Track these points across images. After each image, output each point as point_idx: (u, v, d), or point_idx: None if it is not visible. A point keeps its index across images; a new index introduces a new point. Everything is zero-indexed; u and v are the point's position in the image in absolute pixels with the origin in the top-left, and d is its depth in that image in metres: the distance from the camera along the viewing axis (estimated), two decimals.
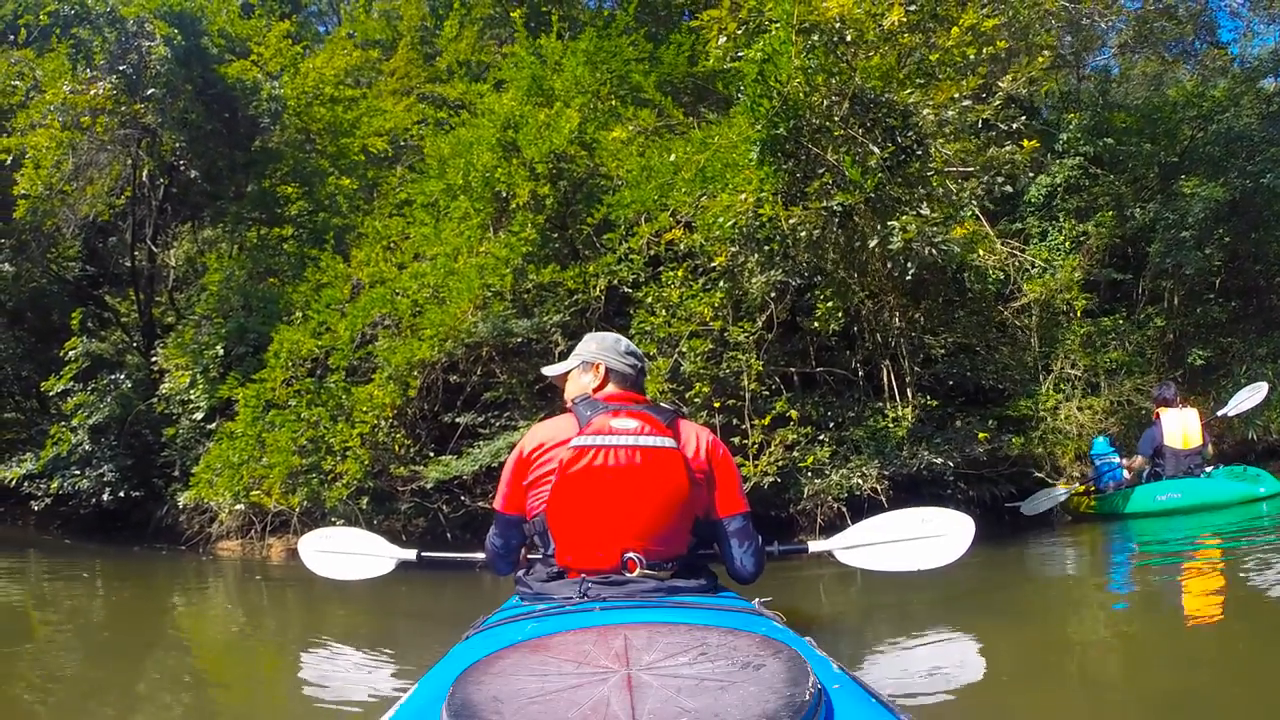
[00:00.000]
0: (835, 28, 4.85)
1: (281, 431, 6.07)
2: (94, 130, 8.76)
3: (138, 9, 8.46)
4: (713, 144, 5.92)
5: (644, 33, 8.40)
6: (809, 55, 4.89)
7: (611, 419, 1.95)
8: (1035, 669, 2.88)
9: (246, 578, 6.83)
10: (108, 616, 5.57)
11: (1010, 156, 5.40)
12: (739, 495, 2.09)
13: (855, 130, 5.05)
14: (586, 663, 1.24)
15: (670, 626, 1.45)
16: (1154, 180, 10.38)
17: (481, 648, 1.49)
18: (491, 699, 1.12)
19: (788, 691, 1.11)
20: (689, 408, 5.71)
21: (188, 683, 3.66)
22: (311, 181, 9.10)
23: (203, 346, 7.55)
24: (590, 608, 1.75)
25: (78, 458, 8.07)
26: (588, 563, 1.92)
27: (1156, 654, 3.03)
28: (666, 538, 1.94)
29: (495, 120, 6.27)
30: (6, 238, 9.70)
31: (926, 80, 5.21)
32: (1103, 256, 9.69)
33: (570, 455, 1.91)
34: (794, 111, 5.02)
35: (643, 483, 1.91)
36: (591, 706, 1.07)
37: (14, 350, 10.50)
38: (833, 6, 4.73)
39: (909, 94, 4.99)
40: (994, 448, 6.40)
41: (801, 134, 5.13)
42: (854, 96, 5.04)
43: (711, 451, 2.04)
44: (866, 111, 5.08)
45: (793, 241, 5.26)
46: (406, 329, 6.09)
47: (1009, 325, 7.50)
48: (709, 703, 1.08)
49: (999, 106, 5.57)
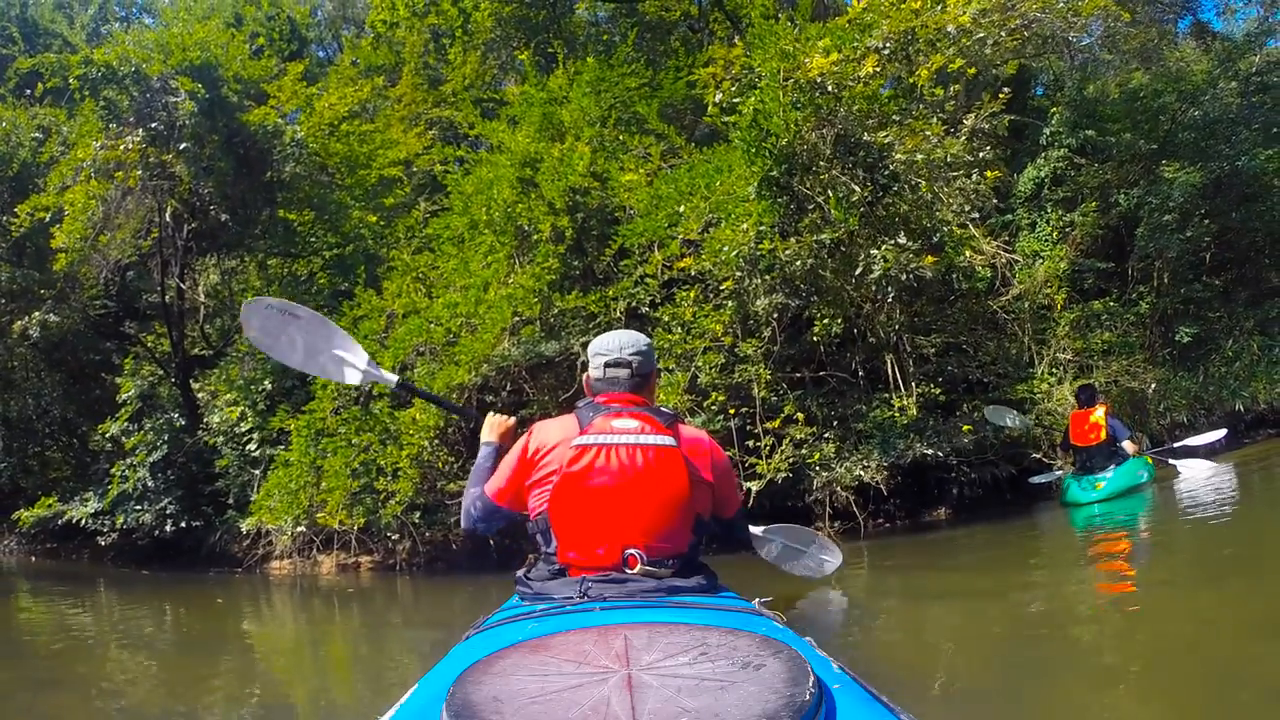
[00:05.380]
0: (817, 81, 5.39)
1: (336, 458, 6.60)
2: (125, 182, 9.23)
3: (160, 67, 8.94)
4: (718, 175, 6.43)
5: (643, 60, 8.85)
6: (795, 107, 5.43)
7: (612, 420, 1.99)
8: (1036, 669, 2.91)
9: (302, 593, 7.37)
10: (188, 634, 6.16)
11: (975, 187, 5.91)
12: (738, 494, 2.24)
13: (838, 170, 5.59)
14: (587, 663, 1.25)
15: (670, 626, 1.46)
16: (1138, 167, 10.77)
17: (481, 648, 1.49)
18: (491, 699, 1.13)
19: (788, 691, 1.12)
20: (705, 414, 6.23)
21: (256, 683, 4.22)
22: (336, 217, 9.57)
23: (250, 382, 8.06)
24: (590, 608, 1.75)
25: (139, 493, 8.61)
26: (589, 559, 1.94)
27: (1161, 655, 2.96)
28: (668, 535, 1.96)
29: (512, 158, 6.77)
30: (47, 288, 10.21)
31: (900, 118, 5.74)
32: (1092, 244, 10.08)
33: (572, 454, 1.94)
34: (784, 156, 5.57)
35: (644, 480, 1.94)
36: (592, 707, 1.08)
37: (55, 393, 11.01)
38: (814, 68, 5.27)
39: (884, 136, 5.52)
40: (980, 435, 6.87)
41: (793, 174, 5.68)
42: (837, 139, 5.58)
43: (712, 454, 2.09)
44: (849, 153, 5.62)
45: (789, 271, 5.80)
46: (443, 356, 6.60)
47: (999, 318, 7.96)
48: (709, 703, 1.09)
49: (965, 141, 6.09)
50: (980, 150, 6.18)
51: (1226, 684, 2.52)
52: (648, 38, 10.57)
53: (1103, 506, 6.61)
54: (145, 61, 8.95)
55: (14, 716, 3.73)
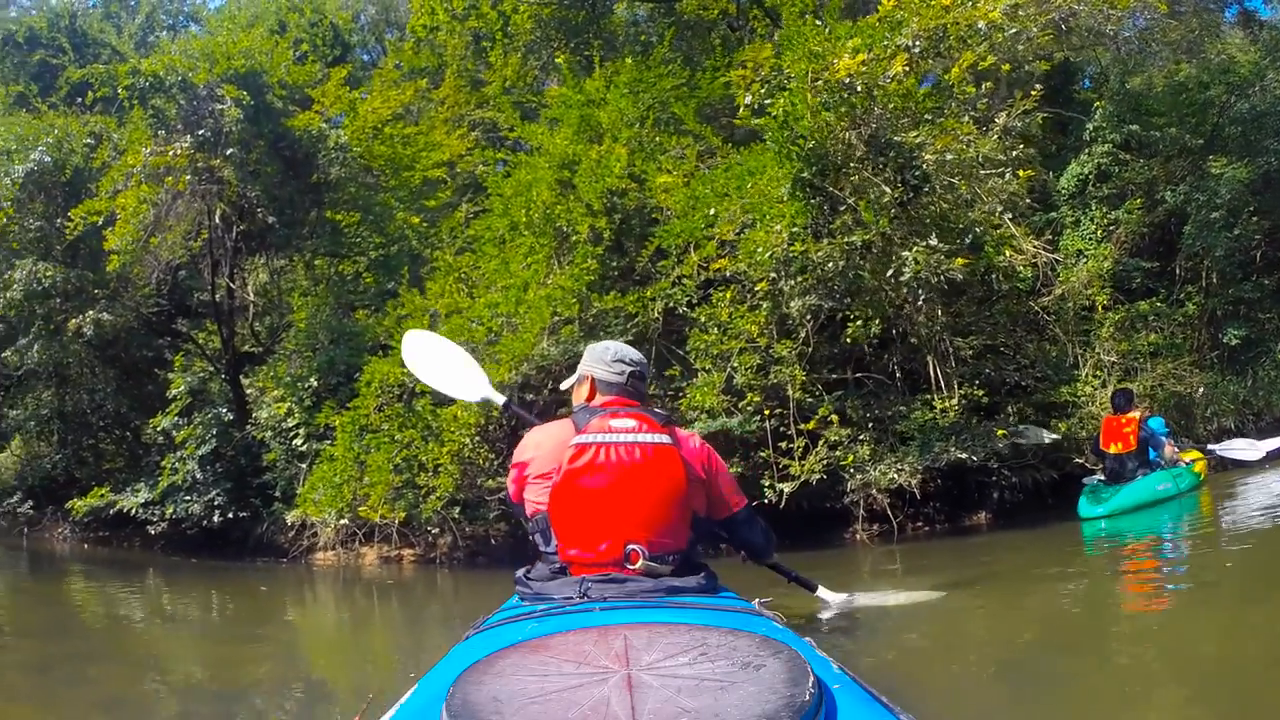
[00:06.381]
0: (846, 82, 5.39)
1: (379, 453, 6.77)
2: (174, 186, 9.53)
3: (206, 75, 9.22)
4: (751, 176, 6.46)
5: (680, 60, 8.88)
6: (825, 108, 5.44)
7: (609, 419, 2.03)
8: (1038, 669, 2.88)
9: (344, 584, 7.59)
10: (233, 617, 6.44)
11: (1007, 186, 5.85)
12: (738, 491, 2.25)
13: (869, 171, 5.58)
14: (587, 663, 1.25)
15: (670, 627, 1.46)
16: (1184, 162, 10.51)
17: (481, 648, 1.49)
18: (491, 699, 1.13)
19: (788, 692, 1.12)
20: (742, 415, 6.26)
21: (292, 665, 4.41)
22: (381, 218, 9.78)
23: (296, 379, 8.30)
24: (590, 608, 1.75)
25: (188, 485, 8.92)
26: (591, 556, 1.96)
27: (1166, 656, 2.94)
28: (668, 530, 1.99)
29: (551, 160, 6.87)
30: (101, 288, 10.58)
31: (933, 117, 5.71)
32: (1137, 243, 9.87)
33: (571, 453, 1.98)
34: (816, 157, 5.57)
35: (643, 476, 1.97)
36: (591, 707, 1.08)
37: (108, 389, 11.40)
38: (841, 69, 5.27)
39: (915, 136, 5.49)
40: (1016, 441, 6.74)
41: (825, 175, 5.68)
42: (868, 140, 5.57)
43: (705, 454, 2.14)
44: (879, 154, 5.61)
45: (821, 272, 5.81)
46: (484, 355, 6.72)
47: (1040, 320, 7.85)
48: (709, 703, 1.09)
49: (997, 140, 6.02)
50: (1013, 149, 6.09)
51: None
52: (687, 36, 10.58)
53: (1113, 522, 6.28)
54: (191, 70, 9.22)
55: (59, 687, 3.93)
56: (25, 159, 9.94)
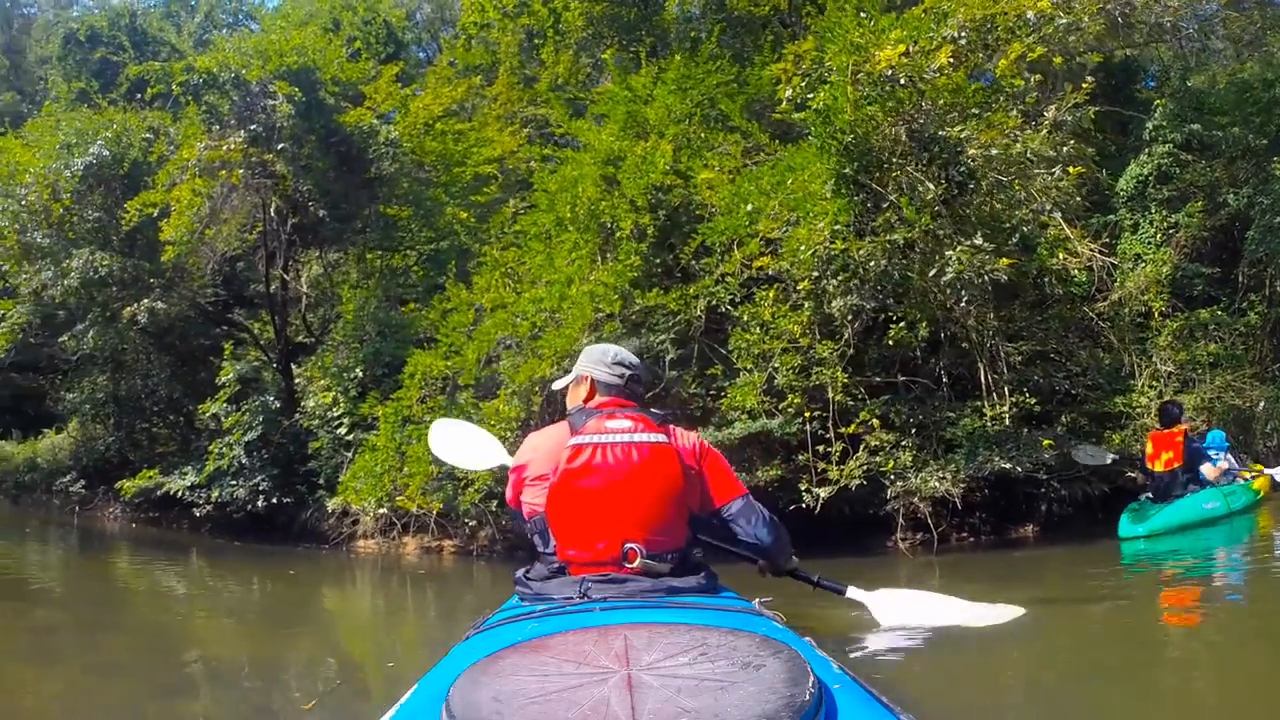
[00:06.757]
0: (888, 75, 5.26)
1: (419, 444, 6.84)
2: (228, 180, 9.79)
3: (259, 72, 9.42)
4: (794, 172, 6.37)
5: (729, 56, 8.79)
6: (867, 101, 5.31)
7: (606, 420, 2.05)
8: (1038, 668, 2.84)
9: (382, 571, 7.72)
10: (271, 602, 6.58)
11: (1056, 184, 5.66)
12: (734, 481, 2.22)
13: (912, 167, 5.44)
14: (586, 663, 1.25)
15: (670, 627, 1.47)
16: (1248, 164, 10.11)
17: (481, 648, 1.50)
18: (491, 699, 1.14)
19: (788, 692, 1.12)
20: (783, 416, 6.19)
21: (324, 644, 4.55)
22: (431, 213, 9.90)
23: (343, 369, 8.45)
24: (590, 608, 1.76)
25: (234, 469, 9.14)
26: (589, 555, 1.97)
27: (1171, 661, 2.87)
28: (665, 528, 2.01)
29: (596, 156, 6.87)
30: (156, 277, 10.91)
31: (980, 111, 5.55)
32: (1198, 248, 9.51)
33: (568, 454, 2.00)
34: (858, 153, 5.46)
35: (639, 475, 1.99)
36: (592, 707, 1.09)
37: (162, 375, 11.76)
38: (882, 60, 5.14)
39: (960, 130, 5.33)
40: (1062, 452, 6.49)
41: (868, 172, 5.56)
42: (912, 135, 5.42)
43: (700, 450, 2.15)
44: (923, 149, 5.46)
45: (863, 271, 5.69)
46: (527, 350, 6.76)
47: (1095, 326, 7.61)
48: (709, 703, 1.09)
49: (1046, 135, 5.82)
50: (1064, 144, 5.88)
51: None
52: (740, 33, 10.45)
53: (1155, 543, 5.91)
54: (244, 68, 9.44)
55: (85, 654, 4.17)
56: (85, 152, 10.26)
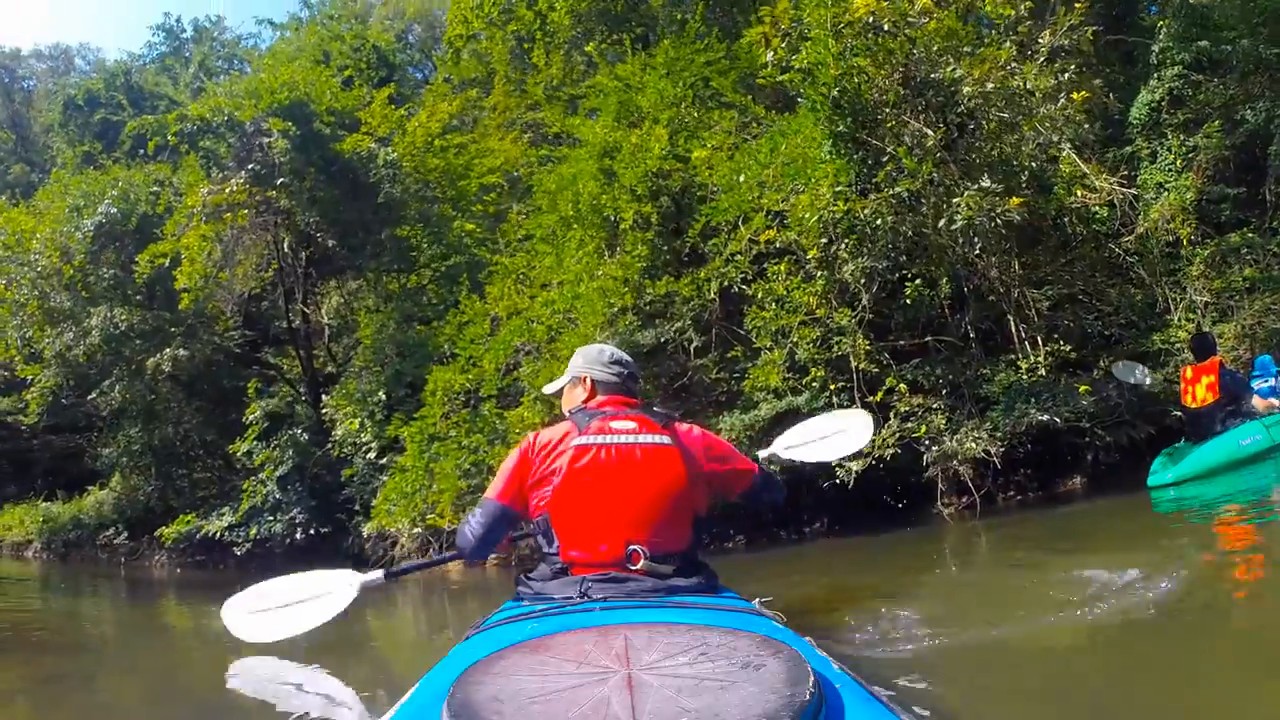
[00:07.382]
0: (869, 22, 5.07)
1: (446, 460, 6.83)
2: (234, 221, 9.87)
3: (251, 112, 9.47)
4: (787, 138, 6.21)
5: (716, 34, 8.63)
6: (851, 53, 5.13)
7: (610, 421, 2.06)
8: (1039, 669, 2.75)
9: (424, 590, 7.68)
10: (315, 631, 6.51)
11: (1061, 113, 5.42)
12: (744, 462, 2.27)
13: (908, 116, 5.25)
14: (587, 663, 1.25)
15: (670, 626, 1.46)
16: (1263, 77, 9.70)
17: (482, 648, 1.50)
18: (492, 699, 1.13)
19: (788, 691, 1.12)
20: (809, 392, 6.03)
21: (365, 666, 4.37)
22: (440, 228, 9.92)
23: (366, 394, 8.49)
24: (590, 608, 1.76)
25: (270, 505, 9.23)
26: (592, 556, 1.97)
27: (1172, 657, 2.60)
28: (669, 531, 2.01)
29: (591, 151, 6.79)
30: (177, 326, 11.06)
31: (972, 50, 5.34)
32: (1221, 169, 9.15)
33: (573, 454, 2.00)
34: (850, 109, 5.28)
35: (643, 476, 2.00)
36: (592, 706, 1.09)
37: (196, 419, 11.92)
38: (860, 7, 4.96)
39: (952, 70, 5.13)
40: (1104, 396, 6.20)
41: (864, 127, 5.39)
42: (904, 81, 5.24)
43: (706, 444, 2.16)
44: (917, 95, 5.27)
45: (871, 229, 5.51)
46: (545, 353, 6.70)
47: (1122, 263, 7.34)
48: (709, 703, 1.09)
49: (1044, 64, 5.57)
50: (1064, 71, 5.60)
51: None
52: (725, 5, 10.25)
53: (1188, 489, 5.43)
54: (236, 109, 9.51)
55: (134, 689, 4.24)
56: (94, 213, 10.44)
